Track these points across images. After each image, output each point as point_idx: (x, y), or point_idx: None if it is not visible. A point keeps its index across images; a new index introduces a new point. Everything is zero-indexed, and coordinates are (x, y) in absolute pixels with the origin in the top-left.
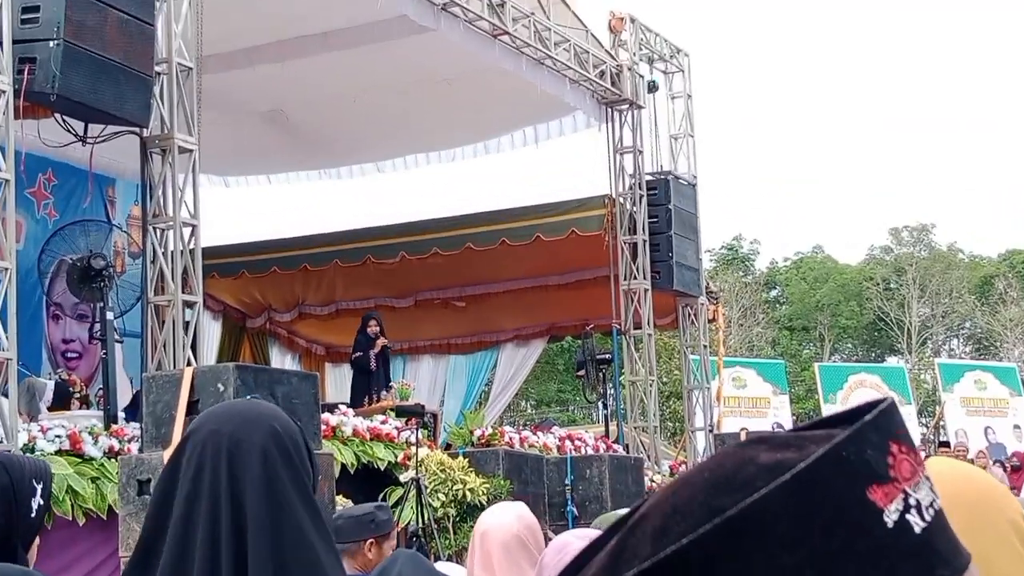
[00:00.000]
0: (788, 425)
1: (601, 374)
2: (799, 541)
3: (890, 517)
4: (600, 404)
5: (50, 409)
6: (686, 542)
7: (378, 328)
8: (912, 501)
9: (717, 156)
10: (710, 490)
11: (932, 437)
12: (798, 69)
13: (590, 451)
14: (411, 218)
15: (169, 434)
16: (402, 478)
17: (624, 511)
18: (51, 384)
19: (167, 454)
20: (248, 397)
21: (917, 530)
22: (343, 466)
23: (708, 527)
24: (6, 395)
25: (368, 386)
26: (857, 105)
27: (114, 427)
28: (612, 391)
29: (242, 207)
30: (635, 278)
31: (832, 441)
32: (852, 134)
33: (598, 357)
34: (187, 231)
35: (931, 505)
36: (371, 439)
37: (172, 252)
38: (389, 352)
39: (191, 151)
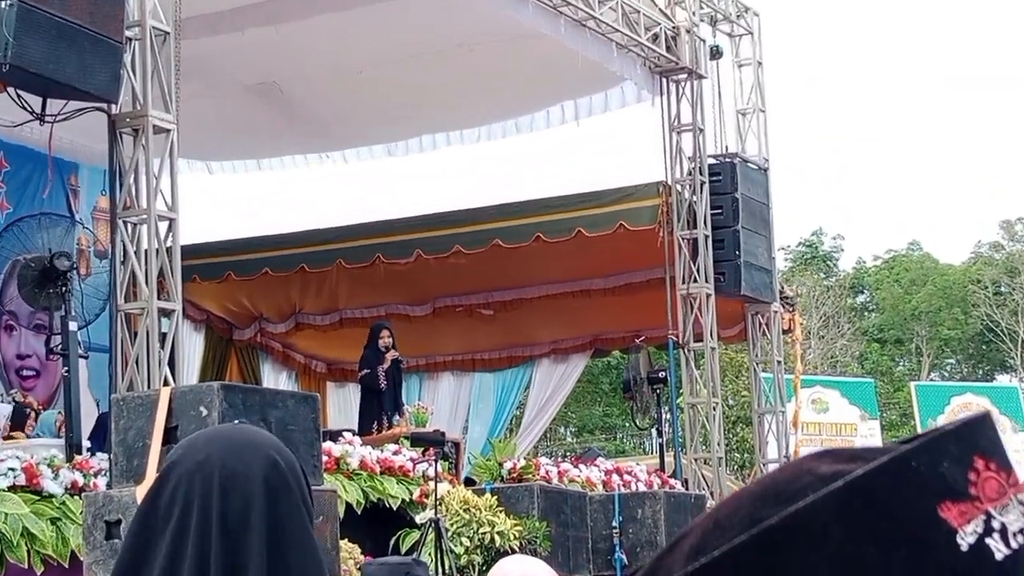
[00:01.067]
0: None
1: (655, 395)
2: (849, 557)
3: (965, 539)
4: (654, 431)
5: (5, 438)
6: (718, 554)
7: (390, 340)
8: (996, 524)
9: (793, 136)
10: (757, 502)
11: None
12: (891, 33)
13: (642, 487)
14: (428, 210)
15: (143, 467)
16: (418, 519)
17: None
18: (4, 408)
19: (141, 490)
20: (236, 422)
21: (999, 557)
22: (348, 505)
23: (743, 538)
24: None
25: (378, 410)
26: (963, 78)
27: (77, 458)
28: (668, 416)
29: (228, 197)
30: (695, 281)
31: (899, 449)
32: (954, 112)
33: (651, 375)
34: (163, 226)
35: (1021, 532)
36: (381, 473)
37: (146, 251)
38: (402, 369)
39: (168, 131)
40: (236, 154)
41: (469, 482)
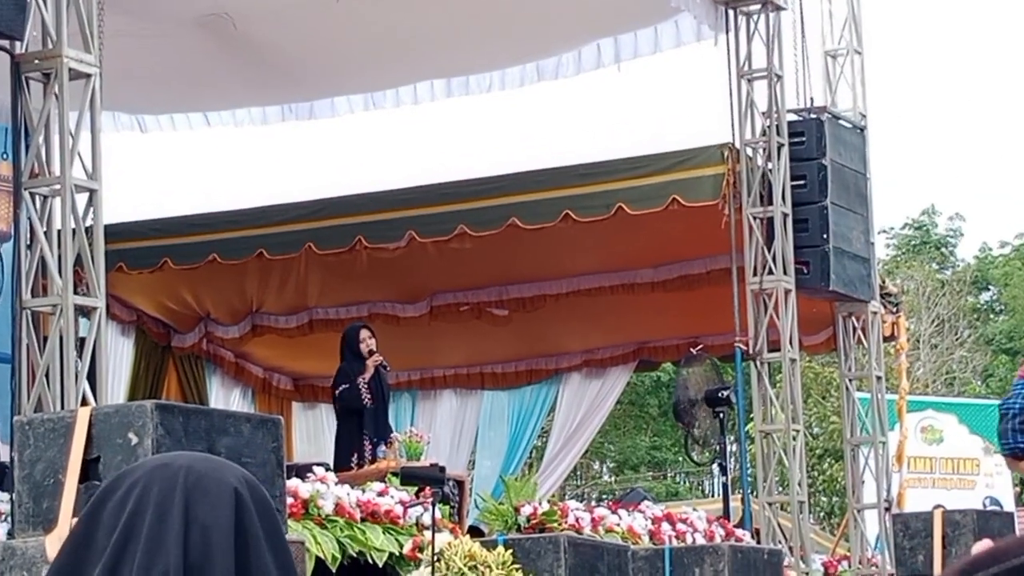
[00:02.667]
0: (1009, 501)
1: (717, 421)
2: None
3: None
4: (715, 468)
5: None
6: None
7: (373, 342)
8: None
9: (899, 87)
10: None
11: None
12: None
13: (700, 539)
14: (424, 180)
15: (53, 510)
16: None
17: None
18: None
19: (53, 541)
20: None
21: None
22: (319, 561)
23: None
24: None
25: (359, 437)
26: None
27: None
28: (734, 448)
29: (166, 163)
30: (770, 273)
31: None
32: None
33: (712, 395)
34: (82, 199)
35: None
36: (363, 519)
37: (59, 231)
38: (387, 383)
39: (88, 76)
40: (176, 106)
41: (476, 532)
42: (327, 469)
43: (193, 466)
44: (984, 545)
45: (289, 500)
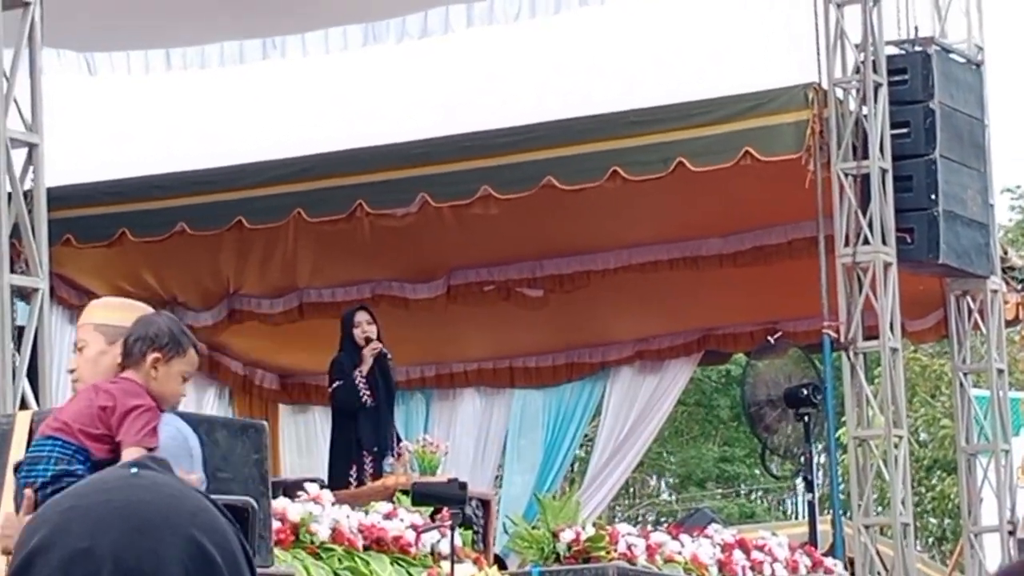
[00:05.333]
0: None
1: (801, 426)
2: None
3: None
4: (799, 483)
5: None
6: None
7: (373, 328)
8: None
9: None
10: None
11: None
12: None
13: (781, 571)
14: (437, 131)
15: None
16: None
17: None
18: None
19: None
20: (133, 471)
21: None
22: None
23: None
24: None
25: (357, 446)
26: None
27: None
28: (822, 459)
29: (122, 111)
30: (866, 243)
31: None
32: None
33: (793, 393)
34: (20, 156)
35: None
36: (366, 548)
37: None
38: (392, 377)
39: (27, 4)
40: (133, 42)
41: (504, 563)
42: (322, 486)
43: (122, 553)
44: None
45: (276, 524)
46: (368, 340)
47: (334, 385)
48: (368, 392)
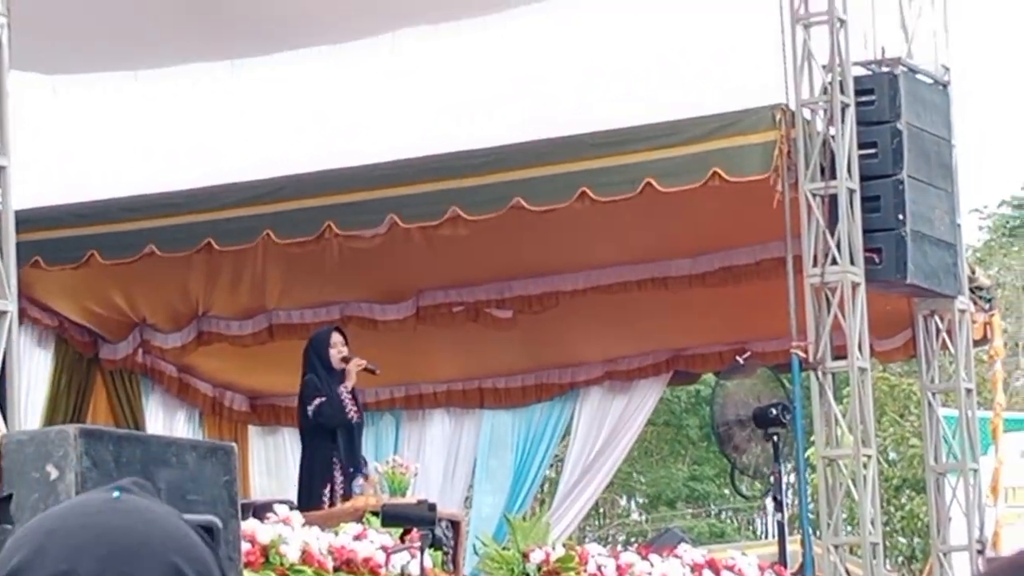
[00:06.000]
0: None
1: (770, 446)
2: None
3: None
4: (768, 503)
5: None
6: None
7: (346, 349)
8: None
9: (991, 33)
10: None
11: None
12: None
13: None
14: (407, 152)
15: None
16: None
17: None
18: None
19: None
20: (116, 494)
21: None
22: None
23: None
24: None
25: (327, 467)
26: None
27: None
28: (791, 478)
29: (92, 134)
30: (834, 263)
31: None
32: None
33: (762, 414)
34: None
35: None
36: (335, 570)
37: None
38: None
39: None
40: (100, 64)
41: None
42: (291, 508)
43: None
44: None
45: (245, 546)
46: (345, 360)
47: (317, 402)
48: (354, 408)
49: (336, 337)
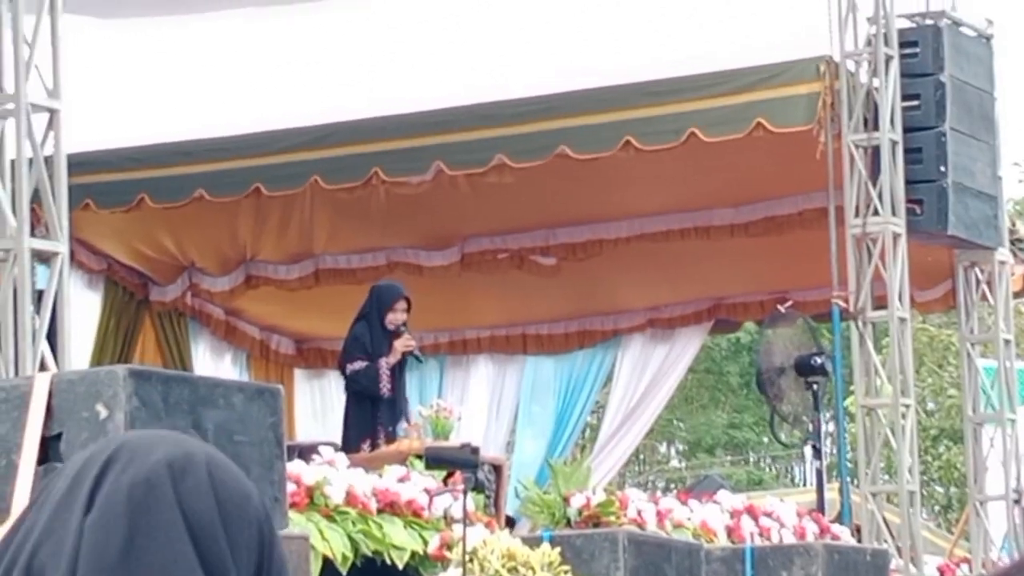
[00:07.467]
0: None
1: (810, 394)
2: None
3: None
4: (807, 451)
5: None
6: None
7: (405, 316)
8: None
9: None
10: None
11: None
12: None
13: (789, 537)
14: (452, 100)
15: (5, 497)
16: None
17: None
18: None
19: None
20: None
21: None
22: (327, 561)
23: None
24: None
25: (371, 424)
26: None
27: None
28: (830, 427)
29: (144, 78)
30: (875, 214)
31: None
32: None
33: (803, 362)
34: (40, 121)
35: None
36: (380, 511)
37: (12, 161)
38: (419, 361)
39: None
40: (154, 7)
41: (513, 525)
42: (336, 450)
43: (172, 452)
44: None
45: (291, 487)
46: (397, 330)
47: (355, 367)
48: (389, 386)
49: (401, 304)
